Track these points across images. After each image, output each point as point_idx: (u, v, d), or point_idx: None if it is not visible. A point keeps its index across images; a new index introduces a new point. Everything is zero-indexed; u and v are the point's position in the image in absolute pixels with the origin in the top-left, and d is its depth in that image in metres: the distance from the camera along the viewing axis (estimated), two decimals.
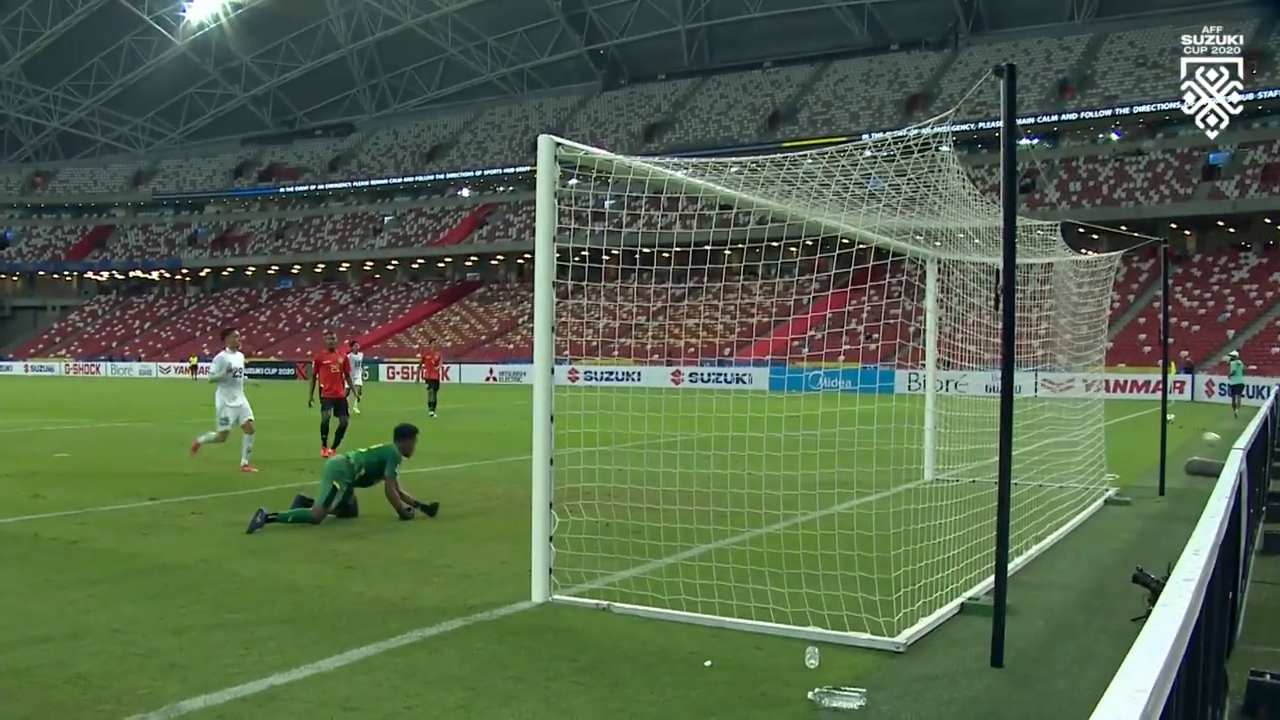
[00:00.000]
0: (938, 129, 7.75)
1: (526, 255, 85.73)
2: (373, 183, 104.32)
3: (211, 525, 11.40)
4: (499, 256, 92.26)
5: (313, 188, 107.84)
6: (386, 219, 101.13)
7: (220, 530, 11.07)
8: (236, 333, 17.93)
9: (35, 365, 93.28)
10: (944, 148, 8.19)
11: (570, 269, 8.43)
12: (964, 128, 65.41)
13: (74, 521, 11.46)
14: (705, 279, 9.79)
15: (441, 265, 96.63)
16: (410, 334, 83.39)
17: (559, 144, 8.01)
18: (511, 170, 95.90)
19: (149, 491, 13.71)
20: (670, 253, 13.20)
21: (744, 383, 52.34)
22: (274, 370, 75.16)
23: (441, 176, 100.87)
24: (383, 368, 71.52)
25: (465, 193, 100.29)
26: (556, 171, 8.00)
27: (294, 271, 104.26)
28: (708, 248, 9.01)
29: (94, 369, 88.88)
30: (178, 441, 21.83)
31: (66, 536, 10.49)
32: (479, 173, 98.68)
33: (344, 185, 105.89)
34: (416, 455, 12.65)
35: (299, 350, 79.32)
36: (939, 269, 13.93)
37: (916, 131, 7.96)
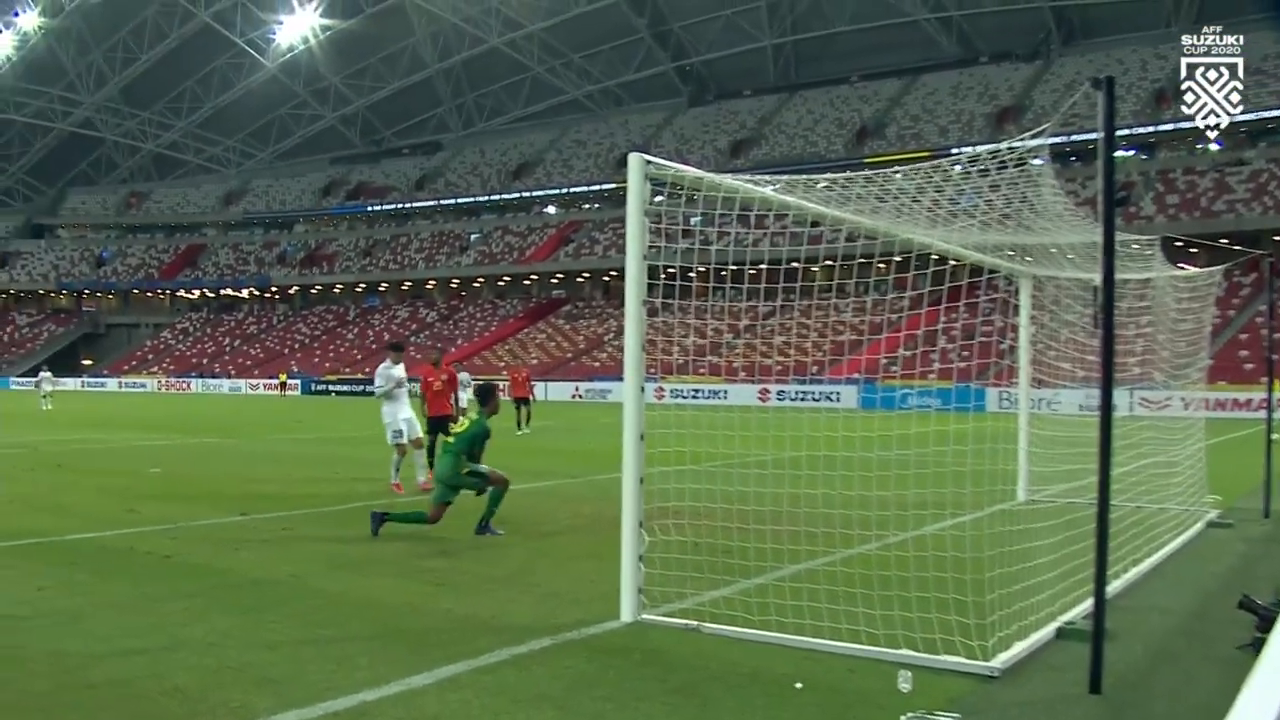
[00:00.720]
0: (1032, 142, 7.65)
1: (612, 272, 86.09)
2: (459, 201, 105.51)
3: (301, 540, 11.59)
4: (585, 274, 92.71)
5: (400, 206, 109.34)
6: (473, 237, 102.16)
7: (310, 545, 11.25)
8: (403, 350, 17.49)
9: (128, 382, 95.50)
10: (1037, 161, 8.08)
11: (658, 287, 8.44)
12: (1056, 140, 64.12)
13: (168, 536, 11.71)
14: (793, 296, 9.78)
15: (527, 283, 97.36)
16: (496, 351, 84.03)
17: (649, 162, 8.02)
18: (597, 188, 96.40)
19: (240, 507, 13.97)
20: (758, 270, 13.19)
21: (833, 401, 51.90)
22: (360, 388, 76.15)
23: (527, 194, 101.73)
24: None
25: (551, 210, 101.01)
26: (647, 189, 8.01)
27: (381, 289, 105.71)
28: (796, 265, 8.98)
29: (185, 385, 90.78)
30: (267, 457, 22.25)
31: (161, 551, 10.72)
32: (565, 190, 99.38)
33: (431, 204, 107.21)
34: (506, 472, 12.72)
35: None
36: (1033, 285, 13.73)
37: (1009, 145, 7.86)
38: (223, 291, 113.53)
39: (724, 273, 9.46)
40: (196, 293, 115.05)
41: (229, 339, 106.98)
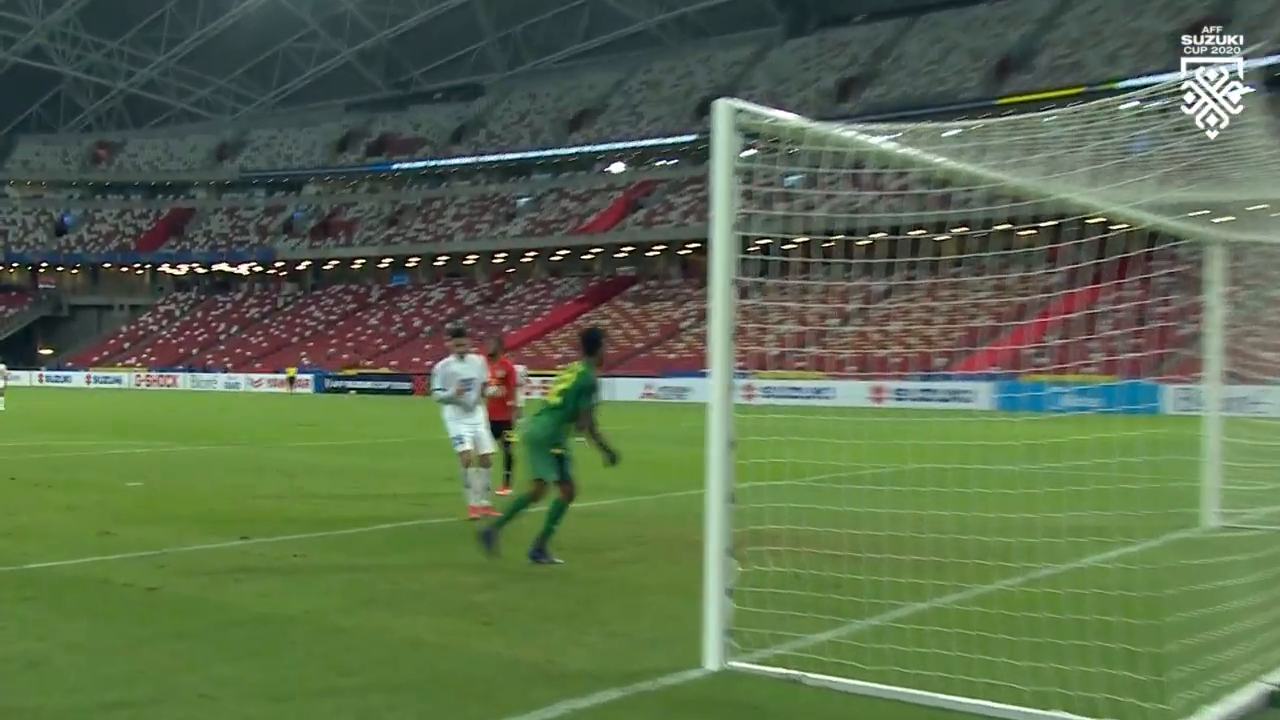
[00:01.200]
0: (1236, 63, 7.51)
1: (692, 244, 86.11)
2: (504, 157, 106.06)
3: (316, 569, 11.73)
4: (658, 246, 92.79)
5: (432, 164, 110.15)
6: (521, 201, 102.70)
7: (326, 576, 11.38)
8: (466, 336, 16.32)
9: (100, 376, 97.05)
10: (1242, 90, 7.91)
11: (749, 262, 8.42)
12: (1271, 60, 61.48)
13: (151, 564, 11.87)
14: (915, 272, 9.73)
15: (588, 257, 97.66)
16: (551, 341, 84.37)
17: (740, 110, 7.99)
18: (673, 140, 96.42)
19: (239, 529, 14.14)
20: (871, 240, 13.09)
21: (963, 401, 51.68)
22: (385, 384, 76.90)
23: (588, 149, 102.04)
24: None
25: (617, 168, 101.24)
26: (737, 143, 7.99)
27: (410, 265, 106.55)
28: (919, 234, 8.94)
29: (170, 381, 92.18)
30: (273, 469, 22.49)
31: (143, 582, 10.86)
32: (633, 144, 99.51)
33: (470, 160, 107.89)
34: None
35: (416, 360, 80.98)
36: (1227, 254, 13.52)
37: (1207, 72, 7.71)
38: (216, 267, 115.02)
39: (829, 244, 9.45)
40: (183, 268, 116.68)
41: (224, 325, 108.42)
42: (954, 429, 20.66)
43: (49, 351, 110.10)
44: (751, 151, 8.37)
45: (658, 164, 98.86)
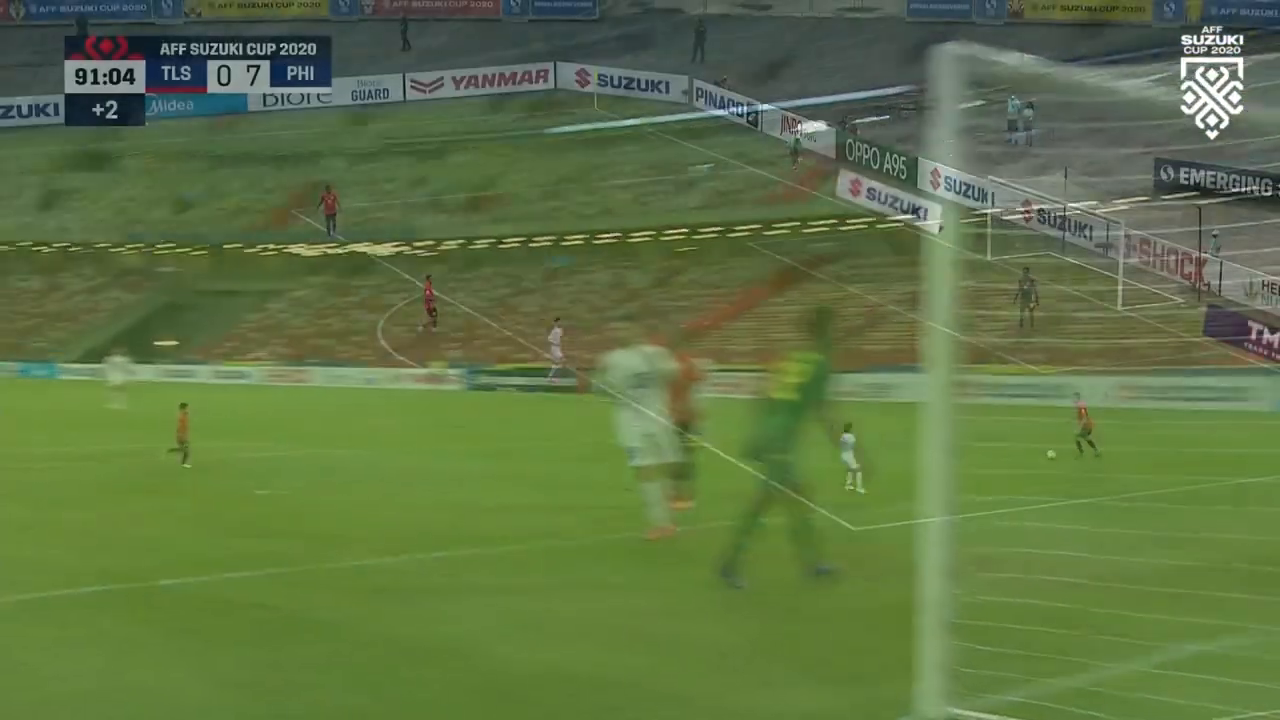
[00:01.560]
0: None
1: (897, 218, 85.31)
2: (681, 117, 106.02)
3: (465, 591, 11.83)
4: (859, 219, 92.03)
5: (597, 126, 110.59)
6: (700, 168, 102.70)
7: (478, 598, 11.48)
8: (636, 323, 16.38)
9: (225, 370, 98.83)
10: None
11: (969, 236, 8.25)
12: None
13: (281, 582, 12.11)
14: (1184, 233, 9.48)
15: (776, 232, 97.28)
16: (732, 332, 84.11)
17: (966, 56, 7.82)
18: (879, 92, 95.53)
19: (380, 544, 14.35)
20: (1125, 206, 12.79)
21: (1236, 401, 50.23)
22: (543, 380, 77.53)
23: (777, 106, 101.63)
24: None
25: (814, 126, 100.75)
26: (961, 97, 7.83)
27: (571, 243, 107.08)
28: (1183, 199, 8.69)
29: (302, 376, 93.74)
30: (417, 477, 22.78)
31: (270, 602, 11.09)
32: (831, 98, 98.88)
33: (640, 121, 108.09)
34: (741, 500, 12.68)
35: (577, 353, 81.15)
36: None
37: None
38: (354, 246, 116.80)
39: (1074, 212, 9.25)
40: (318, 248, 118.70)
41: (362, 313, 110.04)
42: (1225, 432, 20.15)
43: (171, 343, 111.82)
44: (979, 102, 8.19)
45: (859, 121, 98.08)
